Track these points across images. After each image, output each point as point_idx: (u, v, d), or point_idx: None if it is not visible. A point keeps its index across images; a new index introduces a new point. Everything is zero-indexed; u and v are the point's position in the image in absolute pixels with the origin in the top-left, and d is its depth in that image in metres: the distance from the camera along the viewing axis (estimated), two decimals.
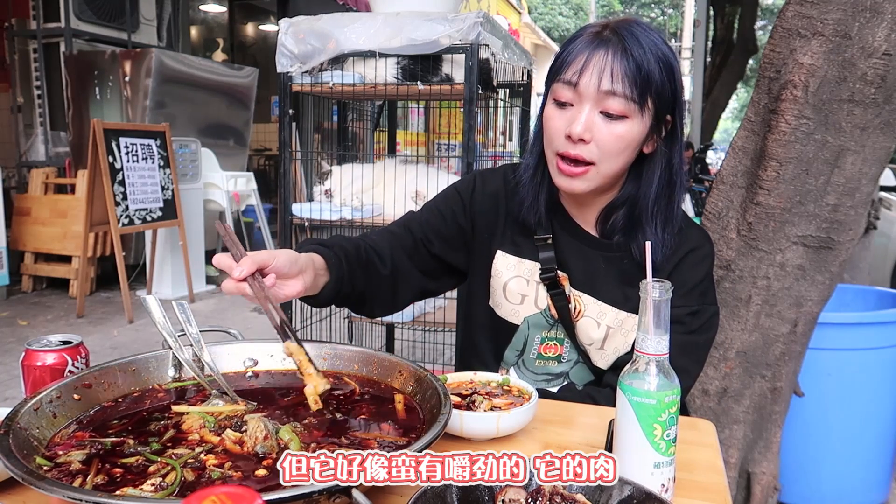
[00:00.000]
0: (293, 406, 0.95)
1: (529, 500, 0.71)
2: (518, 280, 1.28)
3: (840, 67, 1.60)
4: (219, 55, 9.44)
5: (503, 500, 0.71)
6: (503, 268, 1.29)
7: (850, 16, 1.57)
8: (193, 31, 8.50)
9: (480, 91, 2.40)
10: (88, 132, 4.84)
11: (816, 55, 1.61)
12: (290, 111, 2.58)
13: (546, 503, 0.70)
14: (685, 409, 1.28)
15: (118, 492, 0.71)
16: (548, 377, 1.30)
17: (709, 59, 12.65)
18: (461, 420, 0.95)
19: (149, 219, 4.98)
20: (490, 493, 0.72)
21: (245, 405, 0.94)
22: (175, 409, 0.92)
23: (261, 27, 10.45)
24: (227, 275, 0.92)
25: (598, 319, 1.24)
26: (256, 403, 0.95)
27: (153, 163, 5.04)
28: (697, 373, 1.24)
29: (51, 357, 0.96)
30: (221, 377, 0.99)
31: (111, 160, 4.65)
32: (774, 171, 1.68)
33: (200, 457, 0.79)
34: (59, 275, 5.52)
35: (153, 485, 0.72)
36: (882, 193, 4.22)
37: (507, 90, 3.03)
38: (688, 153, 9.81)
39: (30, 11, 6.06)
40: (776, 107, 1.68)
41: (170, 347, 1.01)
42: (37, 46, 6.07)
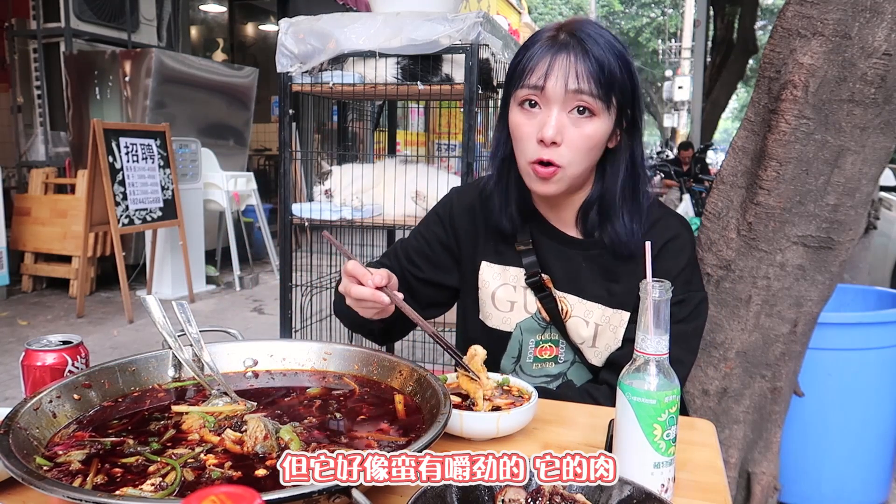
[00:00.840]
0: (293, 406, 0.95)
1: (529, 500, 0.71)
2: (505, 287, 1.29)
3: (840, 67, 1.60)
4: (219, 55, 9.45)
5: (503, 500, 0.71)
6: (489, 277, 1.30)
7: (850, 16, 1.57)
8: (193, 31, 8.50)
9: (480, 91, 2.40)
10: (88, 132, 4.84)
11: (816, 55, 1.61)
12: (290, 111, 2.58)
13: (546, 503, 0.70)
14: (685, 409, 1.28)
15: (118, 492, 0.71)
16: (546, 379, 1.31)
17: (709, 59, 12.67)
18: (461, 420, 0.95)
19: (149, 219, 4.98)
20: (490, 493, 0.72)
21: (245, 405, 0.94)
22: (175, 409, 0.92)
23: (261, 27, 10.45)
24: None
25: (586, 318, 1.25)
26: (256, 403, 0.95)
27: (153, 163, 5.04)
28: (692, 361, 1.25)
29: (51, 357, 0.96)
30: (221, 377, 0.99)
31: (111, 160, 4.66)
32: (774, 171, 1.68)
33: (200, 457, 0.79)
34: (59, 275, 5.53)
35: (153, 485, 0.72)
36: (882, 193, 4.22)
37: None
38: (688, 153, 9.80)
39: (30, 11, 6.06)
40: (776, 107, 1.68)
41: (170, 347, 1.01)
42: (37, 46, 6.07)
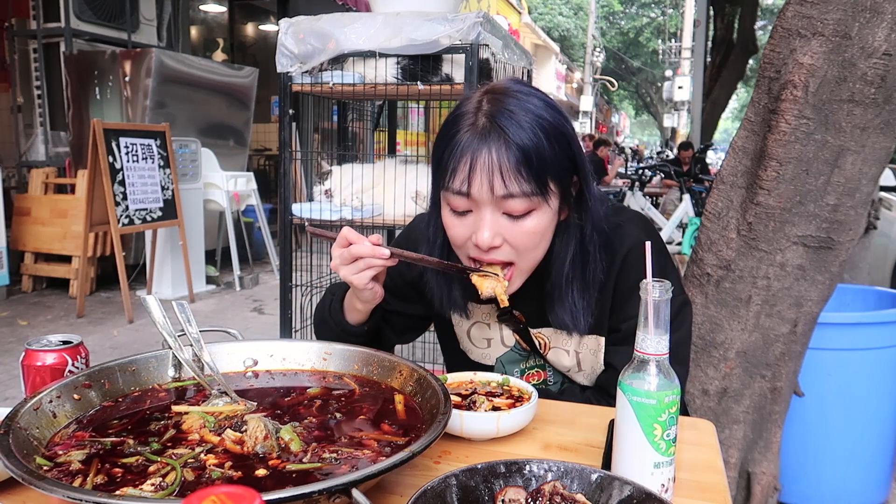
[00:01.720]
0: (293, 406, 0.95)
1: (529, 500, 0.71)
2: (479, 325, 1.25)
3: (840, 67, 1.60)
4: (219, 55, 9.45)
5: (503, 500, 0.71)
6: (460, 317, 1.25)
7: (850, 16, 1.57)
8: (193, 31, 8.50)
9: None
10: (88, 132, 4.84)
11: (816, 55, 1.61)
12: (290, 111, 2.58)
13: (546, 503, 0.70)
14: (685, 409, 1.28)
15: (118, 492, 0.71)
16: None
17: (709, 59, 12.66)
18: (461, 420, 0.95)
19: (149, 219, 4.98)
20: (490, 493, 0.72)
21: (245, 405, 0.94)
22: (175, 409, 0.92)
23: (261, 27, 10.46)
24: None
25: (565, 347, 1.21)
26: (256, 403, 0.95)
27: (153, 163, 5.04)
28: (685, 373, 1.20)
29: (51, 357, 0.96)
30: (221, 377, 0.99)
31: (111, 160, 4.66)
32: (774, 171, 1.68)
33: (200, 457, 0.79)
34: (59, 275, 5.53)
35: (153, 485, 0.72)
36: (882, 193, 4.22)
37: None
38: (688, 153, 9.81)
39: (30, 11, 6.07)
40: (776, 107, 1.68)
41: (170, 347, 1.01)
42: (37, 46, 6.08)
